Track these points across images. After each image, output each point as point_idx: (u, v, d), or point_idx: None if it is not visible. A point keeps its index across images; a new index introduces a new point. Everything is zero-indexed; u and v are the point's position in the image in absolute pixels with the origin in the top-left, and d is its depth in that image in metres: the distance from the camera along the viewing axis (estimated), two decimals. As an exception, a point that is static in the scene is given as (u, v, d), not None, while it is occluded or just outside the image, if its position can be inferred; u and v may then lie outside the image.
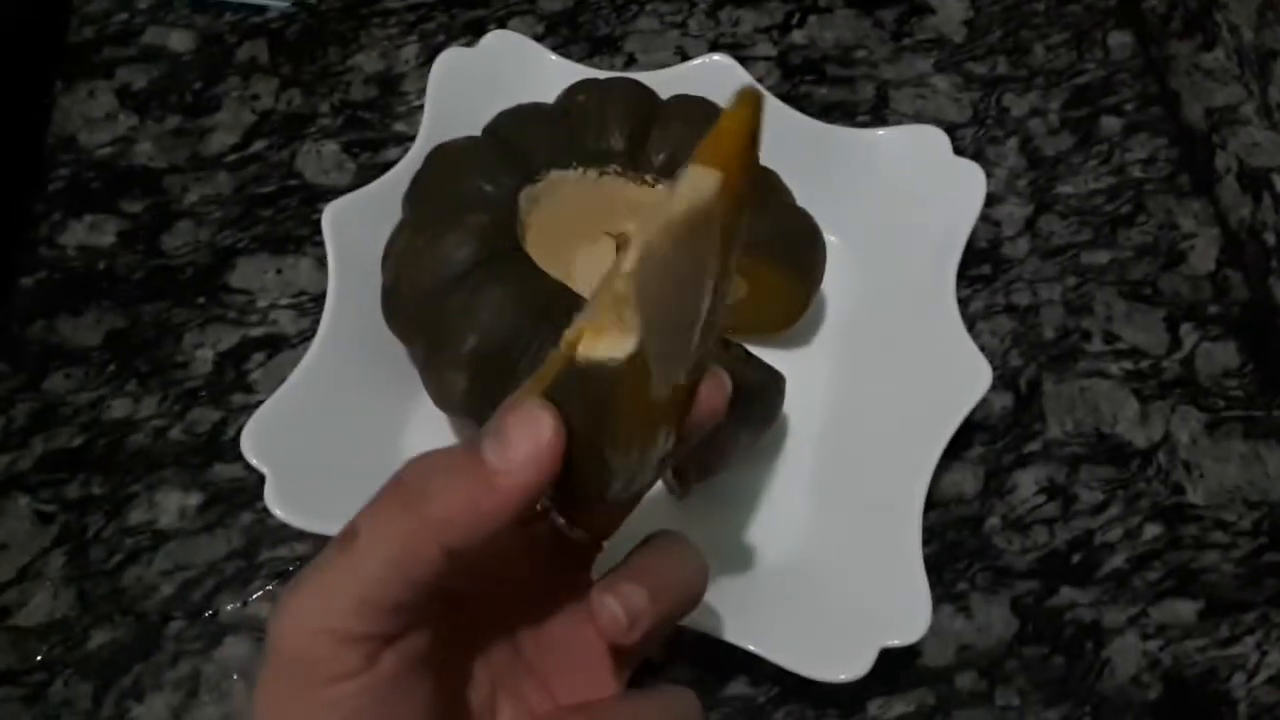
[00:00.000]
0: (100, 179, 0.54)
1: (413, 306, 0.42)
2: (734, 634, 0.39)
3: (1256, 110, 0.56)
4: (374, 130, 0.56)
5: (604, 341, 0.24)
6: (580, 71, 0.52)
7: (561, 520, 0.29)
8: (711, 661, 0.43)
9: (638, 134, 0.47)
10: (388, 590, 0.23)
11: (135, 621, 0.43)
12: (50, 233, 0.53)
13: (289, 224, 0.53)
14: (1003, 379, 0.50)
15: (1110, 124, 0.59)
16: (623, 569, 0.28)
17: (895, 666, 0.42)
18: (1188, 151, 0.58)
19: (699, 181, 0.24)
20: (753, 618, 0.40)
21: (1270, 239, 0.53)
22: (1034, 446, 0.49)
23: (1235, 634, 0.45)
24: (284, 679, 0.24)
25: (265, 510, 0.39)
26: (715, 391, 0.27)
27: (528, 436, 0.23)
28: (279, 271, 0.52)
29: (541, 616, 0.29)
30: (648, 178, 0.47)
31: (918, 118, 0.58)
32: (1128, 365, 0.51)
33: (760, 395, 0.43)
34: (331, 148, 0.56)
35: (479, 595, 0.28)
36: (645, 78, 0.50)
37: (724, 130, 0.24)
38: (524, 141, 0.46)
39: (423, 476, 0.24)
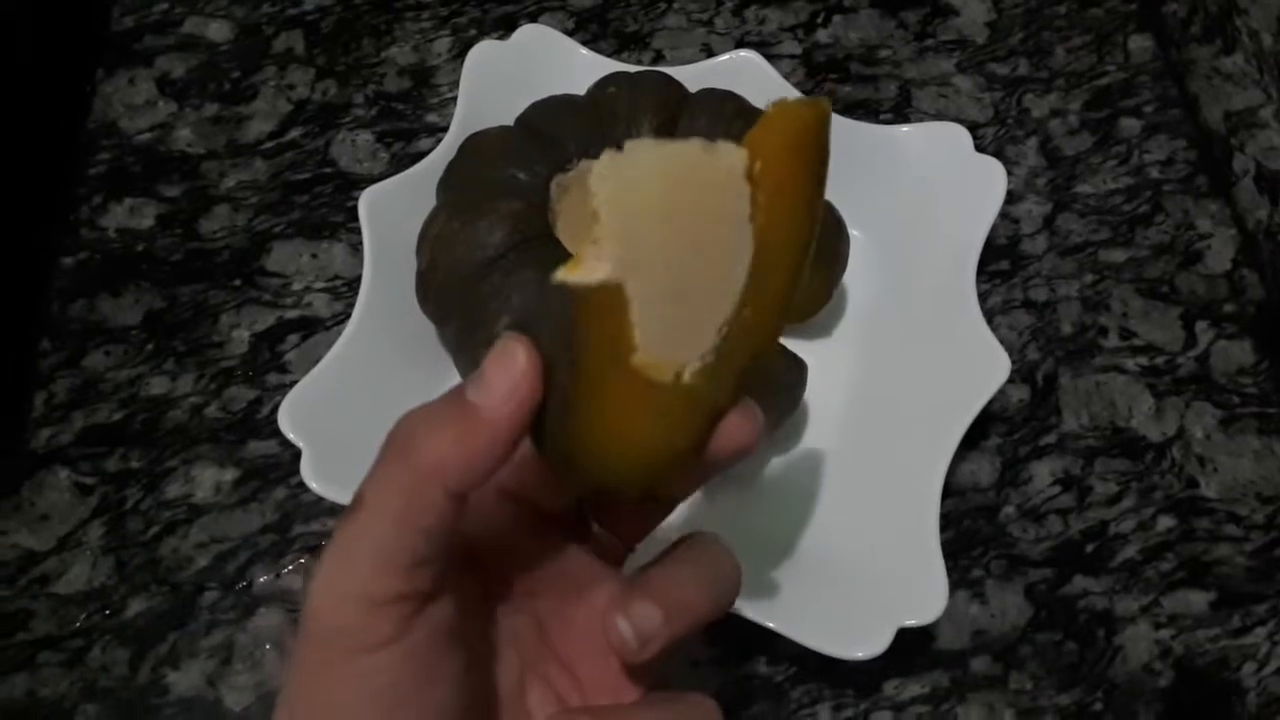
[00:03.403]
0: (140, 164, 0.56)
1: (447, 289, 0.43)
2: (755, 611, 0.40)
3: (1275, 114, 0.57)
4: (407, 121, 0.58)
5: (580, 268, 0.23)
6: (611, 66, 0.53)
7: (596, 527, 0.30)
8: (731, 639, 0.44)
9: (666, 125, 0.48)
10: (402, 544, 0.23)
11: (171, 591, 0.45)
12: (91, 215, 0.54)
13: (324, 210, 0.54)
14: (1020, 372, 0.51)
15: (1129, 125, 0.60)
16: (643, 581, 0.27)
17: (911, 649, 0.43)
18: (1206, 153, 0.59)
19: (723, 152, 0.23)
20: (774, 596, 0.41)
21: (1287, 240, 0.54)
22: (1050, 439, 0.50)
23: (1246, 625, 0.45)
24: (317, 651, 0.24)
25: (299, 486, 0.40)
26: (744, 423, 0.26)
27: (503, 367, 0.24)
28: (314, 256, 0.53)
29: (570, 606, 0.29)
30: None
31: (940, 117, 0.59)
32: (1143, 361, 0.52)
33: (784, 382, 0.44)
34: (366, 137, 0.57)
35: (508, 577, 0.29)
36: (674, 73, 0.51)
37: (768, 119, 0.24)
38: (555, 131, 0.48)
39: (411, 429, 0.24)
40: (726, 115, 0.48)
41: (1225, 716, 0.44)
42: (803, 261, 0.25)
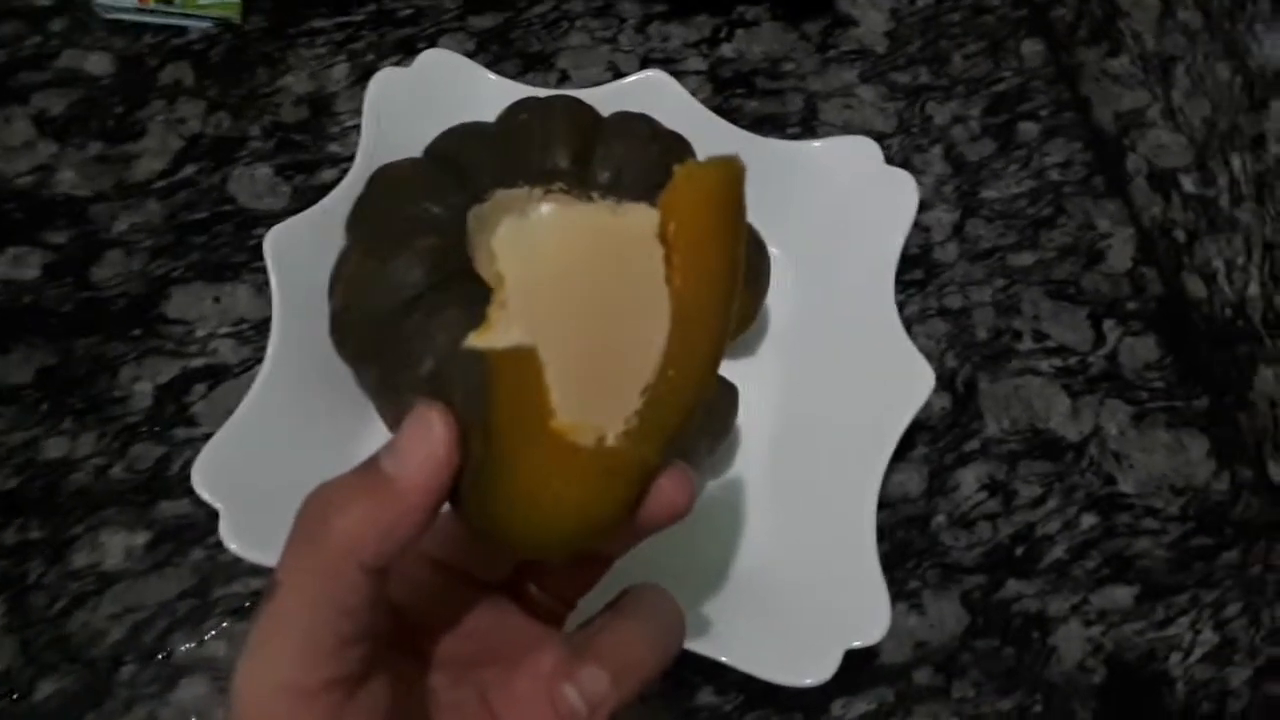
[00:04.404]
0: (21, 209, 0.52)
1: (364, 331, 0.42)
2: (700, 644, 0.39)
3: (1162, 113, 0.59)
4: (307, 152, 0.56)
5: (489, 332, 0.23)
6: (518, 90, 0.52)
7: (532, 588, 0.29)
8: (677, 671, 0.43)
9: (582, 152, 0.47)
10: (324, 628, 0.23)
11: (84, 669, 0.42)
12: (-30, 267, 0.51)
13: (225, 250, 0.52)
14: (940, 380, 0.52)
15: (1028, 129, 0.61)
16: (588, 644, 0.26)
17: (855, 667, 0.43)
18: (1100, 154, 0.61)
19: (634, 214, 0.24)
20: (717, 627, 0.40)
21: (1181, 236, 0.56)
22: (974, 445, 0.51)
23: (1170, 615, 0.47)
24: None
25: (216, 546, 0.38)
26: (676, 487, 0.25)
27: (418, 437, 0.23)
28: (216, 300, 0.51)
29: (512, 674, 0.28)
30: (593, 194, 0.47)
31: (846, 128, 0.60)
32: (1057, 362, 0.53)
33: (716, 406, 0.44)
34: (265, 171, 0.55)
35: (445, 649, 0.28)
36: (583, 95, 0.50)
37: (679, 181, 0.24)
38: (468, 162, 0.46)
39: (322, 505, 0.23)
40: (642, 138, 0.48)
41: (1156, 708, 0.45)
42: (725, 322, 0.25)
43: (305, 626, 0.22)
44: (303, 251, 0.45)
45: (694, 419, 0.25)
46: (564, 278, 0.23)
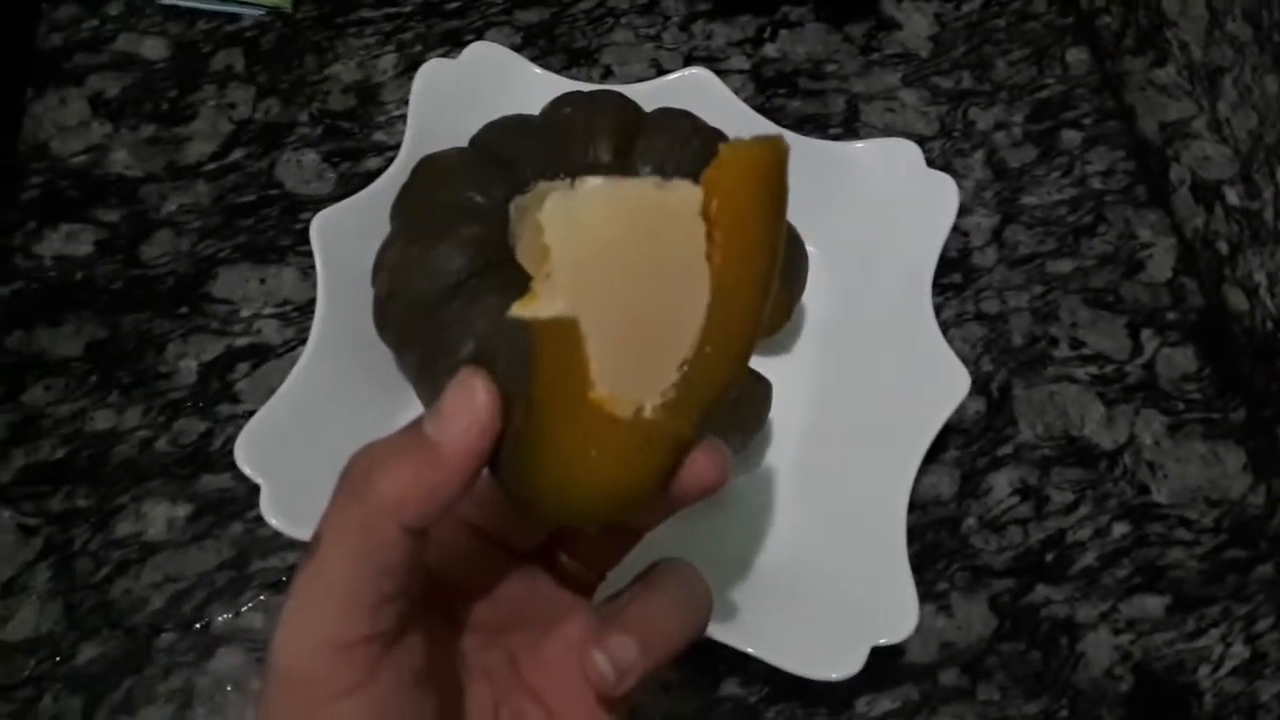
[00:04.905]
0: (75, 188, 0.54)
1: (407, 316, 0.42)
2: (728, 635, 0.40)
3: (1207, 125, 0.59)
4: (354, 140, 0.57)
5: (534, 303, 0.24)
6: (563, 84, 0.52)
7: (564, 557, 0.29)
8: (704, 661, 0.44)
9: (623, 146, 0.48)
10: (364, 584, 0.23)
11: (125, 635, 0.43)
12: (25, 242, 0.52)
13: (271, 233, 0.53)
14: (975, 384, 0.52)
15: (1070, 137, 0.61)
16: (617, 613, 0.27)
17: (881, 664, 0.43)
18: (1144, 164, 0.61)
19: (678, 191, 0.24)
20: (745, 618, 0.41)
21: (1223, 248, 0.56)
22: (1007, 449, 0.51)
23: (1201, 627, 0.47)
24: (284, 701, 0.23)
25: (255, 520, 0.39)
26: (710, 461, 0.25)
27: (462, 402, 0.24)
28: (262, 281, 0.52)
29: (541, 639, 0.29)
30: (635, 187, 0.47)
31: (887, 130, 0.60)
32: (1093, 370, 0.53)
33: (749, 401, 0.44)
34: (311, 157, 0.56)
35: (477, 614, 0.28)
36: (626, 91, 0.50)
37: (724, 157, 0.24)
38: (511, 153, 0.47)
39: (366, 465, 0.24)
40: (683, 134, 0.48)
41: (1184, 719, 0.45)
42: (763, 299, 0.25)
43: (347, 582, 0.23)
44: (347, 236, 0.46)
45: (729, 394, 0.25)
46: (608, 251, 0.24)
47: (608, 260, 0.24)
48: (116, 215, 0.53)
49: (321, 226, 0.46)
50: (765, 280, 0.25)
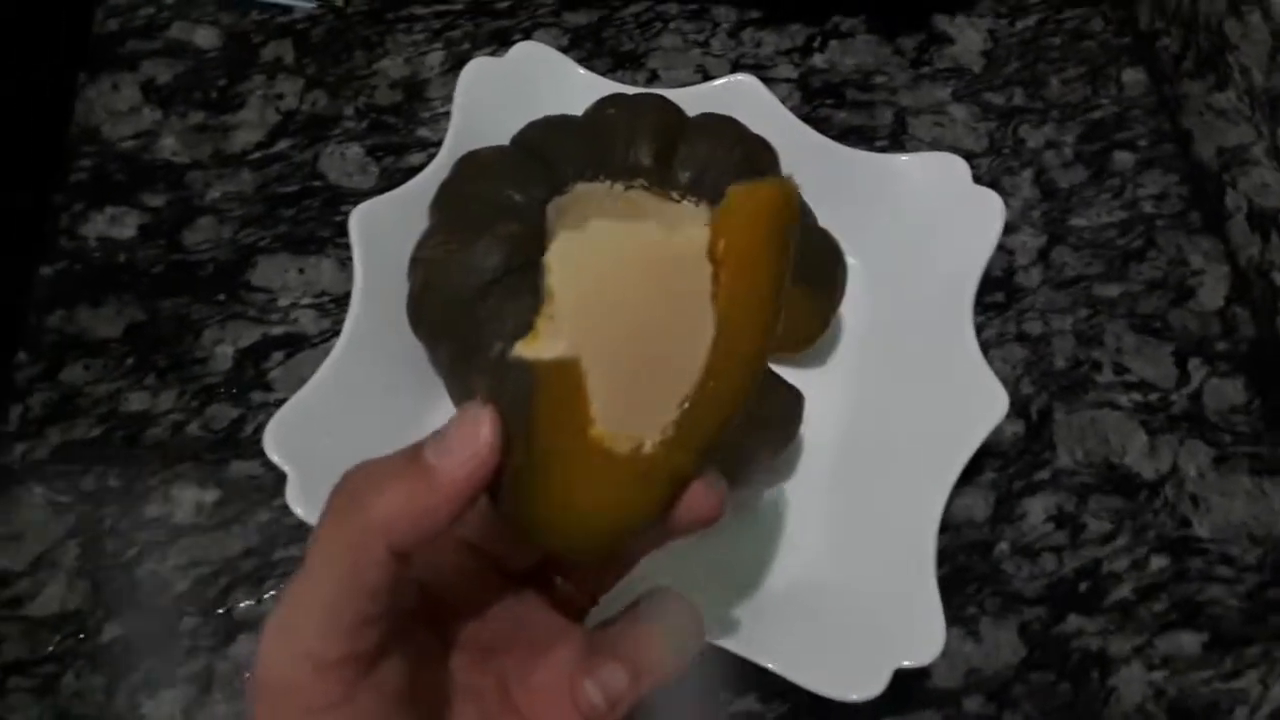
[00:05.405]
0: (123, 172, 0.54)
1: (441, 311, 0.42)
2: (748, 649, 0.39)
3: (1266, 151, 0.57)
4: (398, 135, 0.57)
5: (536, 343, 0.24)
6: (607, 86, 0.52)
7: (558, 580, 0.29)
8: (723, 675, 0.43)
9: (665, 150, 0.47)
10: (348, 603, 0.23)
11: (149, 616, 0.43)
12: (71, 224, 0.53)
13: (311, 224, 0.53)
14: (1014, 406, 0.51)
15: (1123, 159, 0.60)
16: (608, 641, 0.27)
17: (905, 687, 0.43)
18: (1198, 189, 0.59)
19: (685, 232, 0.25)
20: (767, 633, 0.40)
21: (1278, 278, 0.54)
22: (1044, 474, 0.49)
23: (1239, 668, 0.45)
24: (268, 710, 0.24)
25: (282, 508, 0.39)
26: (707, 497, 0.26)
27: (468, 435, 0.24)
28: (300, 271, 0.52)
29: (532, 663, 0.28)
30: (674, 193, 0.47)
31: (935, 145, 0.59)
32: (1137, 397, 0.52)
33: (780, 413, 0.44)
34: (355, 150, 0.56)
35: (469, 633, 0.28)
36: (671, 95, 0.50)
37: (733, 199, 0.25)
38: (552, 153, 0.47)
39: (357, 485, 0.24)
40: (726, 141, 0.48)
41: (1217, 760, 0.43)
42: (764, 341, 0.26)
43: (330, 600, 0.23)
44: (386, 230, 0.46)
45: (729, 429, 0.26)
46: (612, 292, 0.25)
47: (612, 301, 0.25)
48: (161, 200, 0.54)
49: (361, 219, 0.46)
50: (768, 320, 0.26)
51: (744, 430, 0.41)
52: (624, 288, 0.25)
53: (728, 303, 0.25)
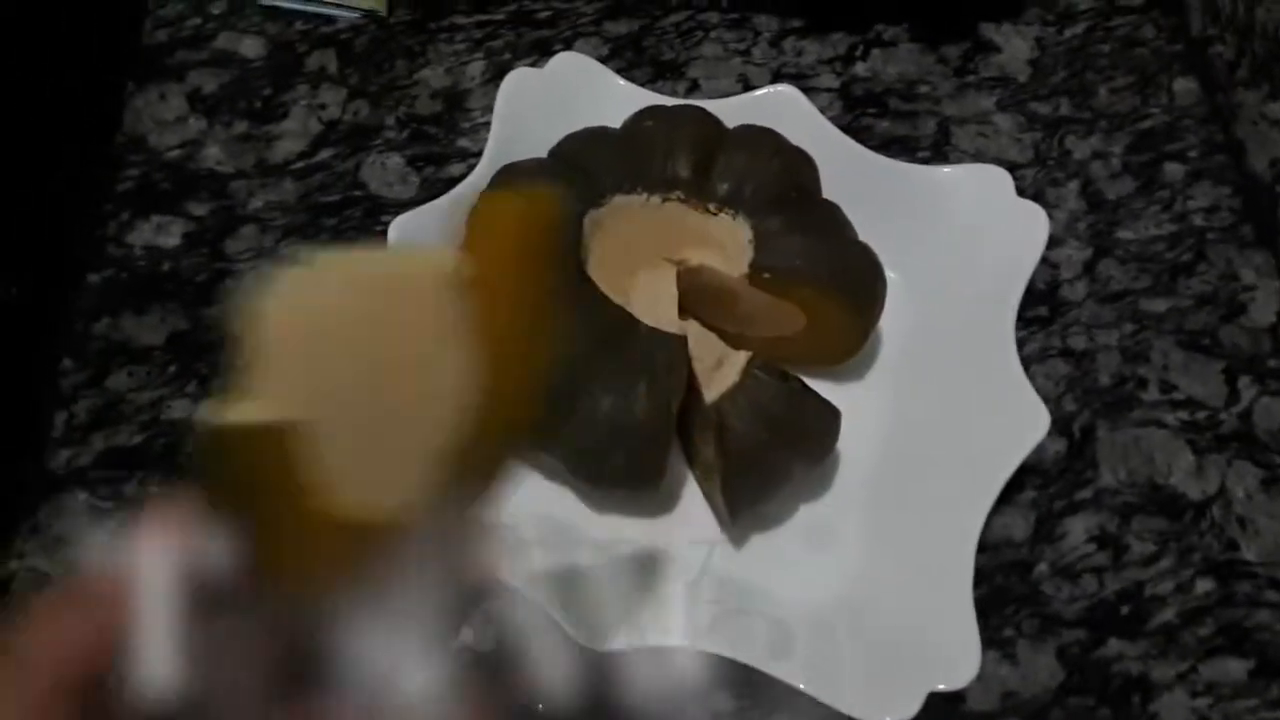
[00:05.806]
0: (169, 180, 0.55)
1: (476, 324, 0.42)
2: (778, 668, 0.39)
3: (1323, 163, 0.56)
4: (439, 145, 0.57)
5: (241, 407, 0.21)
6: (647, 97, 0.52)
7: None
8: (754, 694, 0.43)
9: (703, 162, 0.47)
10: None
11: (186, 622, 0.44)
12: (118, 232, 0.53)
13: (352, 234, 0.54)
14: (1056, 424, 0.50)
15: (1173, 170, 0.59)
16: None
17: (939, 710, 0.42)
18: (1251, 202, 0.58)
19: (425, 258, 0.22)
20: (799, 653, 0.40)
21: (1334, 295, 0.53)
22: (1086, 494, 0.49)
23: (1287, 696, 0.44)
24: None
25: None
26: None
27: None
28: (340, 281, 0.52)
29: None
30: (710, 206, 0.47)
31: (979, 156, 0.58)
32: (1184, 416, 0.51)
33: (815, 429, 0.43)
34: (396, 160, 0.56)
35: None
36: (711, 106, 0.50)
37: (473, 216, 0.22)
38: (590, 165, 0.47)
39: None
40: (765, 153, 0.48)
41: (1263, 792, 0.42)
42: (529, 364, 0.23)
43: None
44: (426, 240, 0.46)
45: (508, 464, 0.23)
46: (335, 339, 0.22)
47: (336, 347, 0.22)
48: (205, 209, 0.54)
49: (400, 229, 0.46)
50: (530, 347, 0.23)
51: (775, 445, 0.40)
52: (354, 332, 0.22)
53: (484, 332, 0.22)
